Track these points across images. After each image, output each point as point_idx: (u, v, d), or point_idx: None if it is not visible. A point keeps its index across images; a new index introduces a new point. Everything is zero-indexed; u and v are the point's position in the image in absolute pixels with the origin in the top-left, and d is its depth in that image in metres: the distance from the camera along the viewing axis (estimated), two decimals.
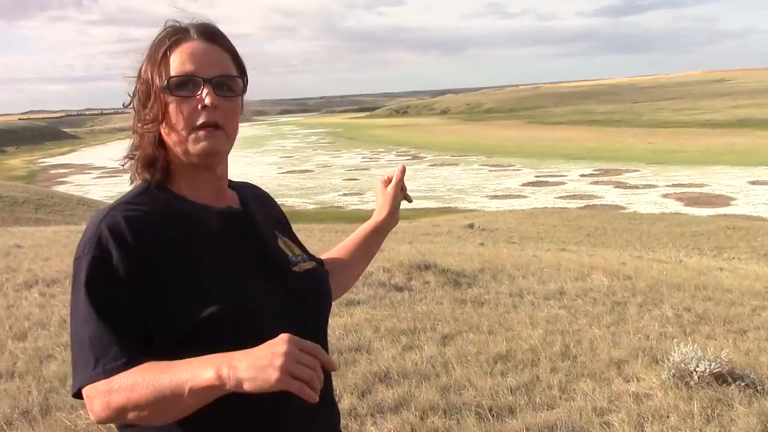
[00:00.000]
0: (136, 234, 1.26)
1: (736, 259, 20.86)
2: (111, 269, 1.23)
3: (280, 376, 1.07)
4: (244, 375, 1.08)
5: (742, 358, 4.98)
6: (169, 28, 1.36)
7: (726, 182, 61.59)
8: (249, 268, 1.35)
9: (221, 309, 1.25)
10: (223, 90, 1.33)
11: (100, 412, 1.18)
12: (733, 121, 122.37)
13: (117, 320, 1.22)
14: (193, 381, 1.11)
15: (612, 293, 7.75)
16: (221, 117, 1.32)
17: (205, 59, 1.33)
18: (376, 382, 4.40)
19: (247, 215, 1.44)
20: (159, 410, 1.16)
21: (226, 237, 1.37)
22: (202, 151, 1.32)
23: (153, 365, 1.18)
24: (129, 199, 1.34)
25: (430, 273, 8.11)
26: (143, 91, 1.35)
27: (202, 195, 1.39)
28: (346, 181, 75.95)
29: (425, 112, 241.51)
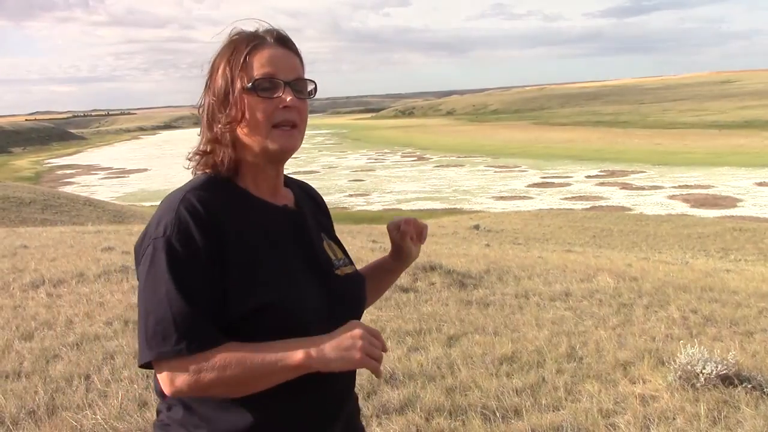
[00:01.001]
0: (211, 216, 1.34)
1: (743, 260, 20.78)
2: (193, 249, 1.31)
3: (361, 356, 1.28)
4: (332, 355, 1.28)
5: (749, 360, 4.97)
6: (247, 34, 1.45)
7: (732, 183, 61.39)
8: (299, 266, 1.44)
9: (274, 299, 1.34)
10: (299, 92, 1.44)
11: (183, 386, 1.27)
12: (739, 122, 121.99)
13: (202, 300, 1.30)
14: (284, 360, 1.28)
15: (618, 295, 7.74)
16: (297, 117, 1.44)
17: (283, 63, 1.43)
18: (382, 383, 4.39)
19: (300, 215, 1.53)
20: (246, 386, 1.30)
21: (282, 233, 1.46)
22: (281, 147, 1.43)
23: (238, 345, 1.30)
24: (198, 185, 1.41)
25: (436, 274, 8.11)
26: (221, 94, 1.42)
27: (261, 190, 1.47)
28: (351, 182, 75.99)
29: (431, 113, 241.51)
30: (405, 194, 65.17)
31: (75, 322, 5.80)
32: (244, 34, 1.45)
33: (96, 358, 4.76)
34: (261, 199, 1.46)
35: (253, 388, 1.31)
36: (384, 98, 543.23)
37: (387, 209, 56.51)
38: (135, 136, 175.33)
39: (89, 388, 4.22)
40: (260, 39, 1.44)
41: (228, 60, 1.42)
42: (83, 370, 4.53)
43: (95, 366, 4.61)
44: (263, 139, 1.41)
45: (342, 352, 1.28)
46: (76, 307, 6.29)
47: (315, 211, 1.63)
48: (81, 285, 7.27)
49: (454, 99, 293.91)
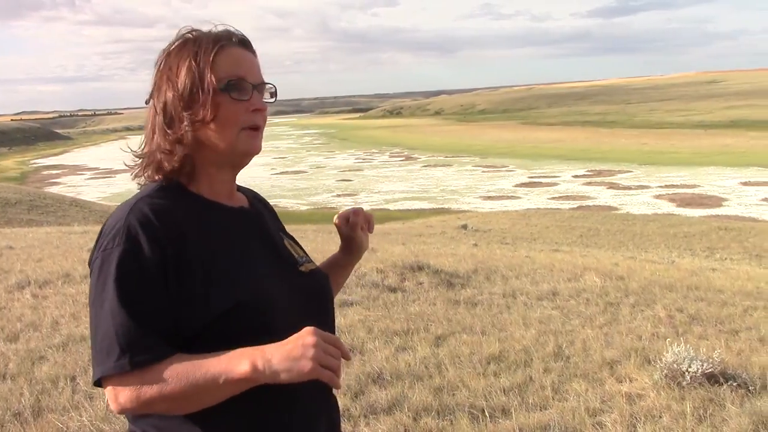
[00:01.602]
0: (163, 224, 1.30)
1: (728, 259, 20.92)
2: (141, 261, 1.26)
3: (313, 366, 1.19)
4: (280, 366, 1.19)
5: (734, 359, 5.00)
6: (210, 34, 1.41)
7: (718, 183, 61.77)
8: (264, 265, 1.41)
9: (242, 299, 1.31)
10: (264, 95, 1.44)
11: (126, 403, 1.23)
12: (725, 122, 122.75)
13: (147, 314, 1.25)
14: (229, 373, 1.20)
15: (605, 294, 7.77)
16: (262, 120, 1.43)
17: (249, 65, 1.42)
18: (370, 383, 4.40)
19: (258, 215, 1.53)
20: (190, 401, 1.24)
21: (243, 234, 1.44)
22: (248, 150, 1.42)
23: (184, 358, 1.24)
24: (150, 193, 1.37)
25: (424, 274, 8.12)
26: (186, 92, 1.37)
27: (217, 194, 1.45)
28: (339, 182, 75.88)
29: (419, 113, 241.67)
30: (393, 194, 65.16)
31: (61, 323, 5.77)
32: (206, 33, 1.41)
33: (82, 360, 4.73)
34: (217, 202, 1.43)
35: (198, 403, 1.24)
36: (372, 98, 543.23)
37: (375, 209, 56.48)
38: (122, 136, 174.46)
39: (75, 390, 4.20)
40: (226, 39, 1.41)
41: (194, 57, 1.37)
42: (69, 371, 4.51)
43: (81, 367, 4.58)
44: (231, 141, 1.38)
45: (291, 363, 1.19)
46: (62, 308, 6.26)
47: (268, 213, 1.61)
48: (67, 286, 7.23)
49: (442, 99, 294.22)
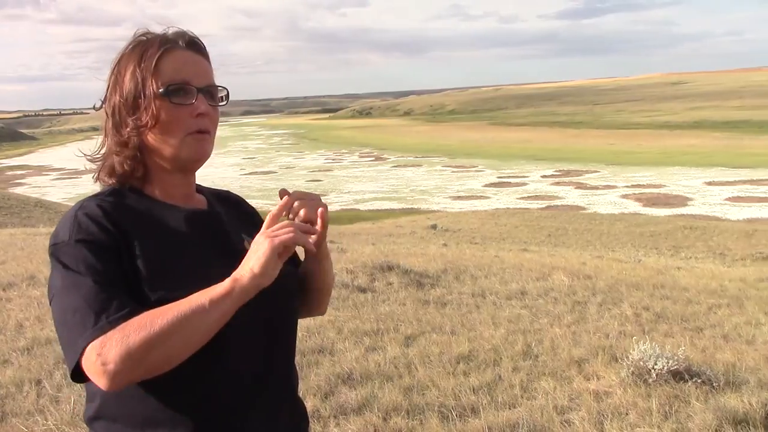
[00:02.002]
0: (110, 219, 1.30)
1: (693, 258, 21.26)
2: (94, 245, 1.27)
3: (271, 241, 1.23)
4: (250, 263, 1.23)
5: (699, 356, 5.09)
6: (157, 36, 1.39)
7: (683, 183, 62.72)
8: (212, 264, 1.37)
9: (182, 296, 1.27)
10: (211, 99, 1.41)
11: (116, 363, 1.16)
12: (690, 122, 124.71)
13: (111, 278, 1.25)
14: (213, 293, 1.21)
15: (573, 293, 7.85)
16: (209, 124, 1.40)
17: (195, 69, 1.39)
18: (339, 383, 4.39)
19: (213, 215, 1.48)
20: (183, 337, 1.19)
21: (191, 234, 1.40)
22: (193, 155, 1.39)
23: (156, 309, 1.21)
24: (100, 193, 1.39)
25: (393, 274, 8.12)
26: (130, 97, 1.37)
27: (170, 196, 1.43)
28: (309, 182, 75.68)
29: (388, 114, 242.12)
30: (363, 194, 65.18)
31: (25, 326, 5.67)
32: (155, 36, 1.39)
33: (47, 363, 4.66)
34: (170, 204, 1.42)
35: (188, 341, 1.20)
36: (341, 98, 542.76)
37: (345, 209, 56.42)
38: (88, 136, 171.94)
39: (40, 394, 4.14)
40: (172, 42, 1.38)
41: (138, 62, 1.36)
42: (34, 375, 4.44)
43: (47, 371, 4.51)
44: (176, 146, 1.37)
45: (256, 256, 1.23)
46: (26, 311, 6.16)
47: (237, 214, 1.57)
48: (32, 288, 7.11)
49: (411, 99, 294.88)
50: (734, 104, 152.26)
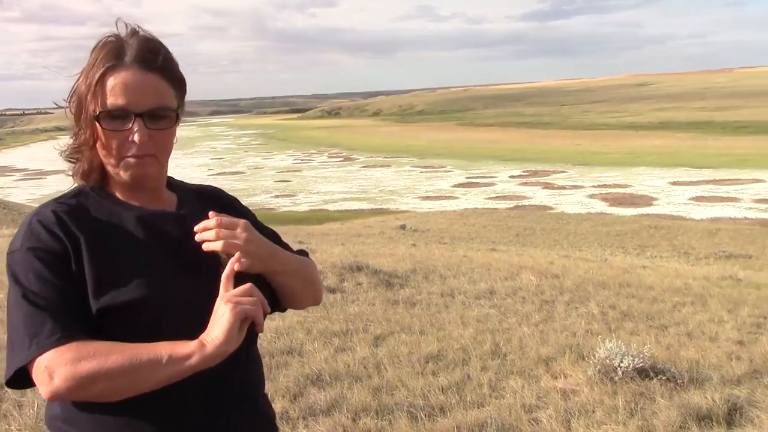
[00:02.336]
0: (62, 227, 1.30)
1: (658, 257, 21.56)
2: (43, 256, 1.27)
3: (233, 309, 1.21)
4: (214, 332, 1.21)
5: (664, 353, 5.16)
6: (107, 48, 1.33)
7: (648, 183, 63.57)
8: (169, 265, 1.35)
9: (135, 297, 1.28)
10: (156, 121, 1.33)
11: (61, 383, 1.18)
12: (655, 123, 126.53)
13: (49, 300, 1.24)
14: (175, 350, 1.20)
15: (540, 292, 7.92)
16: (152, 147, 1.34)
17: (138, 91, 1.31)
18: (308, 384, 4.38)
19: (178, 218, 1.42)
20: (130, 380, 1.20)
21: (143, 236, 1.37)
22: (132, 178, 1.36)
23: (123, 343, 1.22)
24: (59, 198, 1.38)
25: (363, 274, 8.12)
26: (76, 106, 1.35)
27: (133, 198, 1.41)
28: (278, 182, 75.38)
29: (357, 114, 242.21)
30: (331, 195, 65.06)
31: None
32: (105, 51, 1.33)
33: None
34: (129, 205, 1.40)
35: (135, 384, 1.21)
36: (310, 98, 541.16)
37: (314, 209, 56.29)
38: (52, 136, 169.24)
39: (3, 398, 4.06)
40: (118, 59, 1.31)
41: (85, 78, 1.33)
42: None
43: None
44: (115, 166, 1.35)
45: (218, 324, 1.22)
46: None
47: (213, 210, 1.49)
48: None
49: (380, 100, 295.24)
50: (697, 105, 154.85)
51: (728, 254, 23.05)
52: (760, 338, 6.03)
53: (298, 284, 1.53)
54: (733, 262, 20.63)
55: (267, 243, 1.42)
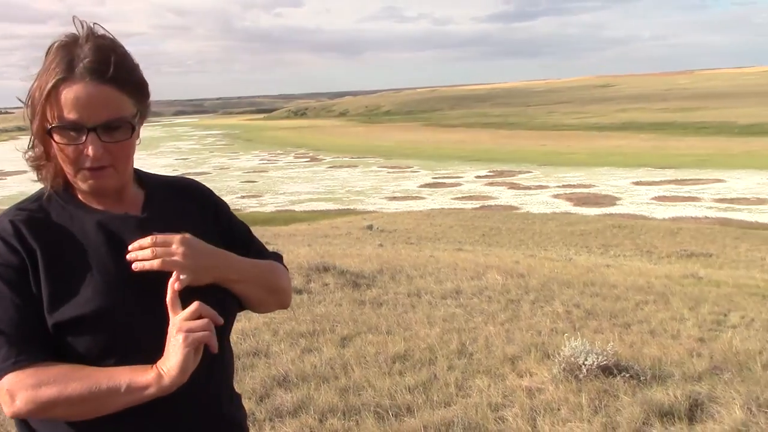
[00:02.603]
0: (20, 237, 1.27)
1: (622, 256, 21.86)
2: (2, 272, 1.25)
3: (185, 339, 1.21)
4: (170, 363, 1.21)
5: (627, 351, 5.23)
6: (59, 56, 1.27)
7: (612, 183, 64.40)
8: (122, 277, 1.30)
9: (83, 314, 1.25)
10: (110, 133, 1.28)
11: (22, 405, 1.19)
12: (618, 124, 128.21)
13: (6, 320, 1.23)
14: (134, 379, 1.21)
15: (506, 291, 7.97)
16: (109, 158, 1.30)
17: (90, 105, 1.26)
18: (275, 386, 4.36)
19: (138, 222, 1.37)
20: (89, 407, 1.21)
21: (105, 243, 1.33)
22: (89, 189, 1.33)
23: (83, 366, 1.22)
24: (21, 204, 1.35)
25: (329, 275, 8.11)
26: (31, 113, 1.30)
27: (98, 203, 1.37)
28: (244, 183, 74.92)
29: (324, 114, 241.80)
30: (298, 195, 64.84)
31: None
32: (58, 59, 1.26)
33: None
34: (90, 208, 1.36)
35: (95, 410, 1.22)
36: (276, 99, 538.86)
37: (280, 210, 56.03)
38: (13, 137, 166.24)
39: None
40: (69, 72, 1.25)
41: (39, 84, 1.27)
42: None
43: None
44: (72, 176, 1.32)
45: (172, 353, 1.21)
46: None
47: (183, 211, 1.46)
48: None
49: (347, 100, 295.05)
50: (659, 106, 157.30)
51: (689, 253, 23.45)
52: (721, 335, 6.15)
53: (258, 292, 1.48)
54: (694, 260, 21.01)
55: (214, 253, 1.37)
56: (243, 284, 1.43)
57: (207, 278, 1.34)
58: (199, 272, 1.32)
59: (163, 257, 1.28)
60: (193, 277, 1.31)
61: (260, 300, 1.51)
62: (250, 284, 1.45)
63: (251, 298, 1.48)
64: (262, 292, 1.49)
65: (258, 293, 1.48)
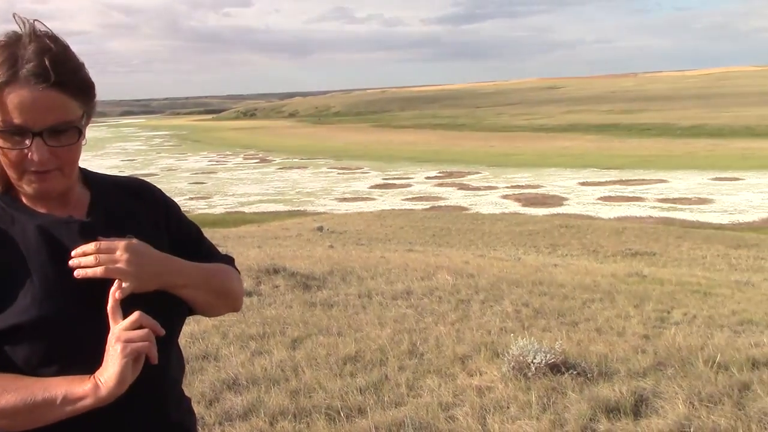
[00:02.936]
0: None
1: (569, 255, 22.23)
2: None
3: (123, 349, 1.19)
4: (107, 373, 1.19)
5: (574, 348, 5.31)
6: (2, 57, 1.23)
7: (559, 183, 65.48)
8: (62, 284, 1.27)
9: (20, 323, 1.22)
10: (56, 137, 1.25)
11: None
12: (564, 125, 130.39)
13: None
14: (70, 390, 1.18)
15: (456, 291, 8.03)
16: (55, 161, 1.26)
17: (35, 109, 1.22)
18: (225, 389, 4.31)
19: (81, 227, 1.34)
20: (25, 419, 1.19)
21: (45, 249, 1.29)
22: (34, 192, 1.29)
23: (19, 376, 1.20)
24: None
25: (280, 277, 8.06)
26: None
27: (42, 206, 1.33)
28: (192, 184, 74.03)
29: (273, 115, 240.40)
30: (248, 197, 64.35)
31: None
32: (1, 60, 1.23)
33: None
34: (32, 212, 1.32)
35: (31, 421, 1.19)
36: (225, 99, 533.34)
37: (230, 212, 55.51)
38: None
39: None
40: (13, 75, 1.21)
41: None
42: None
43: None
44: (16, 179, 1.28)
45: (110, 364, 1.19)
46: None
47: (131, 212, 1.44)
48: None
49: (296, 101, 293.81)
50: (604, 108, 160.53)
51: (634, 252, 23.96)
52: (664, 332, 6.30)
53: (207, 296, 1.46)
54: (638, 259, 21.49)
55: (161, 259, 1.34)
56: (191, 289, 1.40)
57: (153, 285, 1.31)
58: (144, 279, 1.29)
59: (107, 264, 1.25)
60: (138, 284, 1.28)
61: (210, 304, 1.48)
62: (199, 289, 1.43)
63: (200, 303, 1.45)
64: (211, 296, 1.47)
65: (207, 298, 1.46)
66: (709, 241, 28.40)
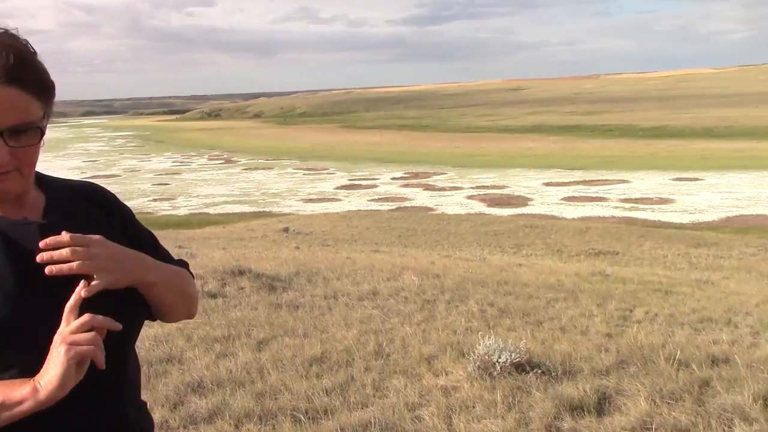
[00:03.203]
0: None
1: (533, 255, 22.43)
2: None
3: (67, 352, 1.16)
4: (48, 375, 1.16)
5: (539, 347, 5.36)
6: None
7: (523, 184, 66.04)
8: (20, 285, 1.24)
9: None
10: (17, 137, 1.23)
11: None
12: (528, 126, 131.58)
13: None
14: (9, 395, 1.16)
15: (422, 292, 8.05)
16: (14, 162, 1.24)
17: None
18: (189, 392, 4.27)
19: (37, 228, 1.31)
20: None
21: (5, 249, 1.27)
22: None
23: None
24: None
25: (245, 278, 8.00)
26: None
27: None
28: (155, 185, 73.19)
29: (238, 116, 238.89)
30: (213, 198, 63.80)
31: None
32: None
33: None
34: None
35: None
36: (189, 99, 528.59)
37: (194, 213, 54.99)
38: None
39: None
40: None
41: None
42: None
43: None
44: None
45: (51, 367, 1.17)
46: None
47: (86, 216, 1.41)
48: None
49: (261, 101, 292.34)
50: (568, 110, 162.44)
51: (597, 251, 24.28)
52: (627, 330, 6.38)
53: (174, 297, 1.45)
54: (601, 258, 21.77)
55: (134, 255, 1.33)
56: (160, 288, 1.39)
57: (126, 282, 1.29)
58: (118, 276, 1.27)
59: (83, 259, 1.22)
60: (112, 280, 1.26)
61: (173, 307, 1.47)
62: (168, 289, 1.42)
63: (165, 304, 1.44)
64: (177, 297, 1.46)
65: (173, 298, 1.45)
66: (670, 240, 28.89)
